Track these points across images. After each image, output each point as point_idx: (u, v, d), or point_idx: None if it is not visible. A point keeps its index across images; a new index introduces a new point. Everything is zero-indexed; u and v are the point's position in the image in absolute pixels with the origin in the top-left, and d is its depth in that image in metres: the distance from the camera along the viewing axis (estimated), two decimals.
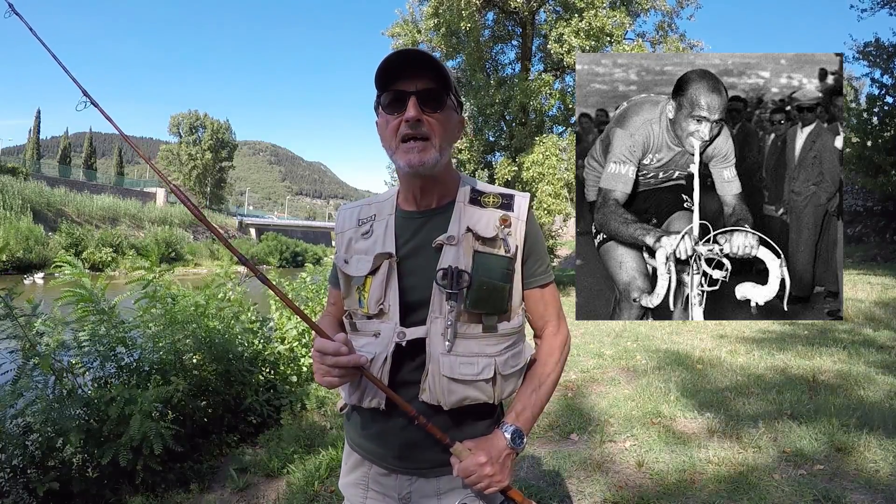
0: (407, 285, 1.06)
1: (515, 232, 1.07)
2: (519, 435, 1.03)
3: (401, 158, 1.01)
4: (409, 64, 0.99)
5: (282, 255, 41.56)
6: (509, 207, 1.10)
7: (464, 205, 1.10)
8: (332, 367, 0.96)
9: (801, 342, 5.12)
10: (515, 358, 1.08)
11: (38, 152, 56.86)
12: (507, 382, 1.07)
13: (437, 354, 1.01)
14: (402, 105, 1.00)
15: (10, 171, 30.99)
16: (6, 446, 2.56)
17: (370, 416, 1.10)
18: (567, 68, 14.03)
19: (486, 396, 1.04)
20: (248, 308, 4.42)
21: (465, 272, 1.01)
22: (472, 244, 1.04)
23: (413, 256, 1.08)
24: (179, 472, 3.04)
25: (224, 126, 58.81)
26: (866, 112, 14.32)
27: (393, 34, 15.25)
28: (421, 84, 1.00)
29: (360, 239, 1.14)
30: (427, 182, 1.08)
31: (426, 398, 1.02)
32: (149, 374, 3.17)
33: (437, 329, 1.02)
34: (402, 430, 1.05)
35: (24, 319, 2.75)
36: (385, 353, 1.03)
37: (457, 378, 1.01)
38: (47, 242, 25.76)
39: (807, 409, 3.37)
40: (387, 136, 1.04)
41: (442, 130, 1.02)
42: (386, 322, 1.05)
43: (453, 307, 1.01)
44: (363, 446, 1.13)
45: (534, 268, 1.12)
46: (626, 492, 2.53)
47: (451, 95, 1.05)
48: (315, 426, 3.76)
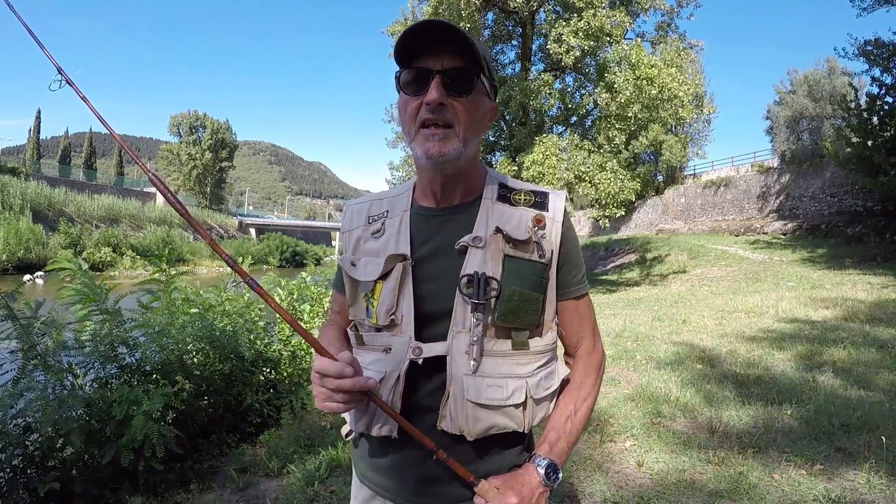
0: (424, 293, 0.92)
1: (550, 234, 0.94)
2: (553, 469, 0.90)
3: (419, 146, 0.88)
4: (434, 37, 0.85)
5: (282, 255, 41.59)
6: (543, 206, 0.96)
7: (491, 202, 0.96)
8: (335, 391, 0.82)
9: (802, 342, 5.11)
10: (548, 379, 0.95)
11: (38, 152, 56.84)
12: (539, 407, 0.94)
13: (459, 375, 0.87)
14: (423, 85, 0.86)
15: (11, 170, 30.99)
16: (6, 446, 2.56)
17: (381, 446, 0.96)
18: (566, 68, 14.03)
19: (516, 424, 0.90)
20: (254, 309, 4.43)
21: (493, 279, 0.87)
22: (502, 247, 0.90)
23: (431, 259, 0.94)
24: (179, 472, 3.05)
25: (224, 126, 58.85)
26: (866, 112, 14.29)
27: (393, 32, 15.27)
28: (447, 62, 0.85)
29: (370, 239, 1.00)
30: (449, 179, 0.94)
31: (446, 426, 0.88)
32: (150, 375, 3.18)
33: (460, 345, 0.88)
34: (419, 462, 0.91)
35: (25, 320, 2.75)
36: (397, 372, 0.89)
37: (483, 403, 0.87)
38: (47, 242, 25.76)
39: (807, 409, 3.36)
40: (405, 120, 0.90)
41: (468, 118, 0.88)
42: (398, 335, 0.91)
43: (479, 320, 0.87)
44: (374, 480, 0.99)
45: (570, 276, 0.98)
46: (626, 492, 2.53)
47: (483, 77, 0.90)
48: (315, 426, 3.76)
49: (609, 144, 13.64)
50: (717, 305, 8.06)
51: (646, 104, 12.63)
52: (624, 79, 12.44)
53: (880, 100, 14.19)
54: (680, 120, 13.49)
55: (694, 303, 8.79)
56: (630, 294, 12.11)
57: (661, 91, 12.28)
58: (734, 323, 6.45)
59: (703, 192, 26.50)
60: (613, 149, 13.78)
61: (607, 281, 16.80)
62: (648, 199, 30.30)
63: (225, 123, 59.26)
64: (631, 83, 12.35)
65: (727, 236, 21.99)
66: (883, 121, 13.94)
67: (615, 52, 13.15)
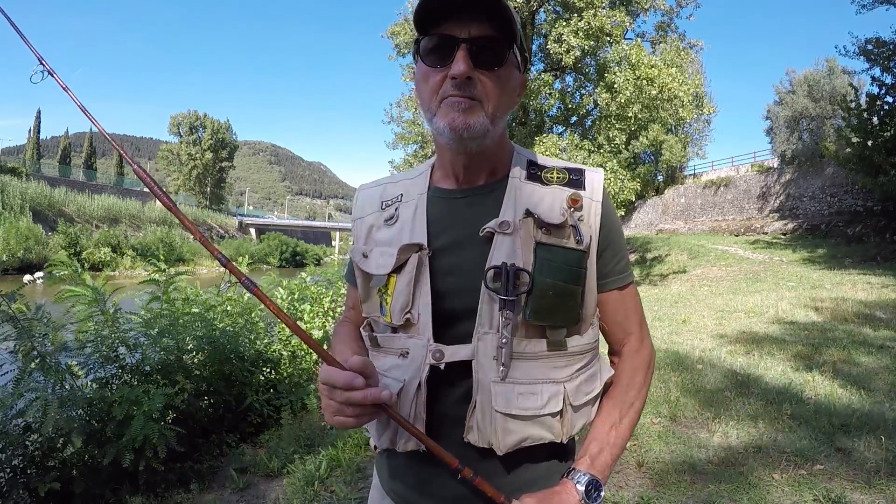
0: (443, 288, 0.81)
1: (589, 217, 0.82)
2: (595, 486, 0.78)
3: (442, 118, 0.77)
4: (462, 0, 0.73)
5: (282, 255, 41.59)
6: (579, 185, 0.84)
7: (520, 181, 0.84)
8: (345, 404, 0.72)
9: (801, 342, 5.11)
10: (590, 382, 0.84)
11: (38, 152, 56.81)
12: (579, 414, 0.82)
13: (486, 382, 0.77)
14: (448, 55, 0.75)
15: (11, 170, 31.00)
16: (6, 446, 2.57)
17: (406, 460, 0.85)
18: (566, 68, 14.04)
19: (553, 435, 0.79)
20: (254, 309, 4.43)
21: (524, 271, 0.77)
22: (534, 233, 0.79)
23: (452, 249, 0.83)
24: (180, 472, 3.05)
25: (224, 126, 58.87)
26: (866, 112, 14.29)
27: (393, 33, 15.27)
28: (476, 30, 0.74)
29: (384, 226, 0.89)
30: (473, 159, 0.83)
31: (473, 440, 0.78)
32: (150, 375, 3.18)
33: (486, 348, 0.77)
34: (449, 478, 0.80)
35: (25, 321, 2.75)
36: (417, 380, 0.79)
37: (514, 414, 0.77)
38: (47, 242, 25.77)
39: (807, 408, 3.36)
40: (425, 95, 0.79)
41: (498, 94, 0.77)
42: (415, 337, 0.81)
43: (509, 319, 0.76)
44: (400, 493, 0.89)
45: (612, 264, 0.86)
46: (626, 492, 2.53)
47: (516, 48, 0.79)
48: (315, 426, 3.76)
49: (609, 144, 13.65)
50: (717, 305, 8.06)
51: (646, 104, 12.64)
52: (624, 79, 12.44)
53: (880, 100, 14.18)
54: (680, 120, 13.50)
55: (694, 303, 8.79)
56: None
57: (661, 91, 12.29)
58: (734, 323, 6.44)
59: (703, 192, 26.49)
60: (613, 149, 13.79)
61: None
62: (648, 199, 30.30)
63: (225, 123, 59.28)
64: (631, 83, 12.35)
65: (727, 236, 21.99)
66: (883, 121, 13.94)
67: (615, 52, 13.16)
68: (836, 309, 6.74)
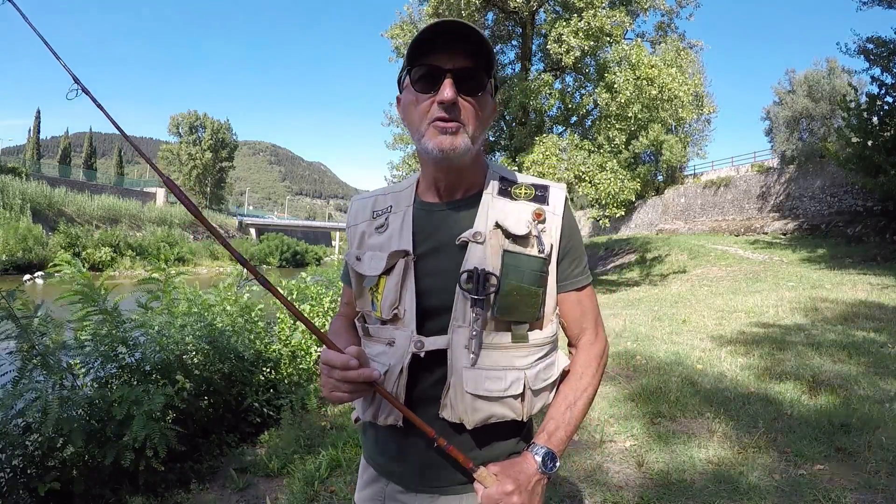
0: (425, 288, 0.95)
1: (550, 228, 0.96)
2: (551, 458, 0.91)
3: (430, 140, 0.89)
4: (447, 36, 0.86)
5: (282, 255, 41.59)
6: (543, 200, 0.98)
7: (492, 196, 0.98)
8: (341, 381, 0.87)
9: (801, 342, 5.12)
10: (547, 370, 0.98)
11: (38, 152, 56.84)
12: (538, 398, 0.97)
13: (459, 368, 0.91)
14: (435, 83, 0.87)
15: (11, 170, 31.00)
16: (6, 446, 2.57)
17: (387, 433, 1.00)
18: (566, 68, 14.04)
19: (515, 414, 0.94)
20: (253, 309, 4.43)
21: (492, 275, 0.90)
22: (501, 242, 0.93)
23: (433, 255, 0.96)
24: (180, 472, 3.05)
25: (224, 126, 58.85)
26: (866, 112, 14.28)
27: (392, 35, 15.24)
28: (459, 61, 0.87)
29: (375, 233, 1.03)
30: (453, 173, 0.97)
31: (447, 416, 0.93)
32: (150, 374, 3.18)
33: (459, 339, 0.91)
34: (422, 449, 0.95)
35: (25, 321, 2.75)
36: (400, 365, 0.93)
37: (482, 395, 0.91)
38: (47, 242, 25.76)
39: (807, 409, 3.37)
40: (415, 119, 0.92)
41: (477, 117, 0.90)
42: (401, 329, 0.95)
43: (479, 315, 0.90)
44: (380, 462, 1.05)
45: (570, 268, 1.00)
46: (626, 492, 2.53)
47: (492, 77, 0.93)
48: (315, 426, 3.76)
49: (609, 144, 13.64)
50: (717, 305, 8.06)
51: (646, 104, 12.63)
52: (624, 79, 12.44)
53: (880, 99, 14.16)
54: (680, 120, 13.49)
55: (694, 303, 8.79)
56: (630, 294, 12.11)
57: (661, 91, 12.28)
58: (734, 323, 6.45)
59: (703, 192, 26.49)
60: (613, 149, 13.78)
61: (607, 281, 16.80)
62: (648, 199, 30.30)
63: (225, 123, 59.27)
64: (631, 83, 12.35)
65: (727, 236, 21.99)
66: (883, 121, 13.93)
67: (615, 52, 13.15)
68: (836, 309, 6.74)
